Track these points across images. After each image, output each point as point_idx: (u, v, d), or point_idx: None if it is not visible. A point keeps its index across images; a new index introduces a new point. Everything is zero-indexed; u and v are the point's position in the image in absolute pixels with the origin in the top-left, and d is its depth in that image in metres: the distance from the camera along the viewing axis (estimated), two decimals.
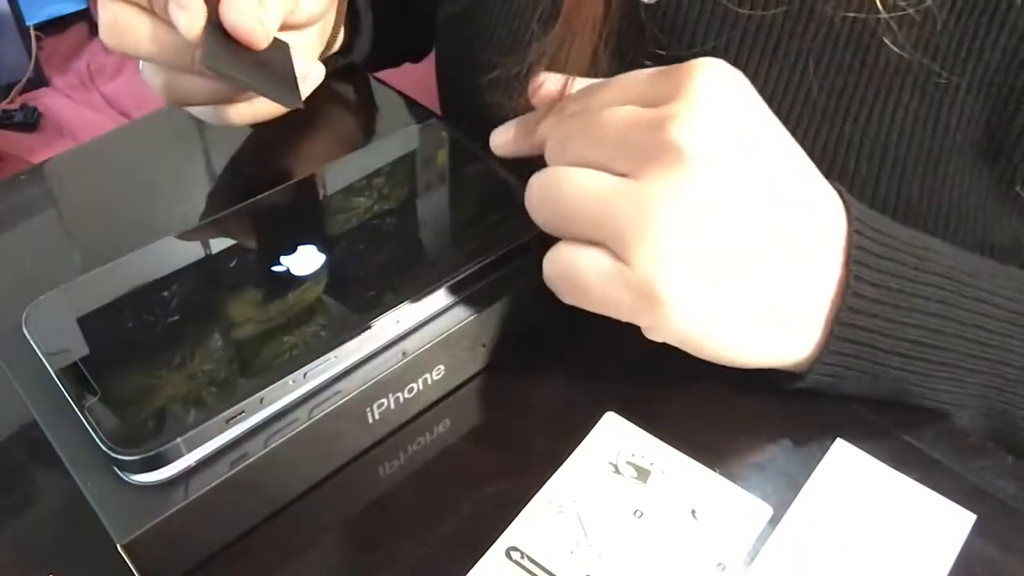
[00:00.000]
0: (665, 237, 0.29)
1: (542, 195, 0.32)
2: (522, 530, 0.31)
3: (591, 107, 0.33)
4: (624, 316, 0.31)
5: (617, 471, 0.32)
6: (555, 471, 0.32)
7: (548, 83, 0.36)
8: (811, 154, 0.33)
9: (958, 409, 0.34)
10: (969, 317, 0.32)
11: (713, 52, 0.39)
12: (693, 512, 0.31)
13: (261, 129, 0.48)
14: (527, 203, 0.33)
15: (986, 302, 0.32)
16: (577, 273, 0.31)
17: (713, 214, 0.29)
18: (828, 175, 0.33)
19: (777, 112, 0.33)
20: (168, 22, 0.35)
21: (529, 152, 0.37)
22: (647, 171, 0.30)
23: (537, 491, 0.32)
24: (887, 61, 0.38)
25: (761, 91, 0.33)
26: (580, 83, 0.36)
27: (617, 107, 0.32)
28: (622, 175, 0.31)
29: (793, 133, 0.33)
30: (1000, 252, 0.42)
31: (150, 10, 0.36)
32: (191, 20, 0.34)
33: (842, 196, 0.33)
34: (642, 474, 0.32)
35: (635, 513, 0.31)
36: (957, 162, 0.39)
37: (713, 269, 0.30)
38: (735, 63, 0.32)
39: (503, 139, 0.38)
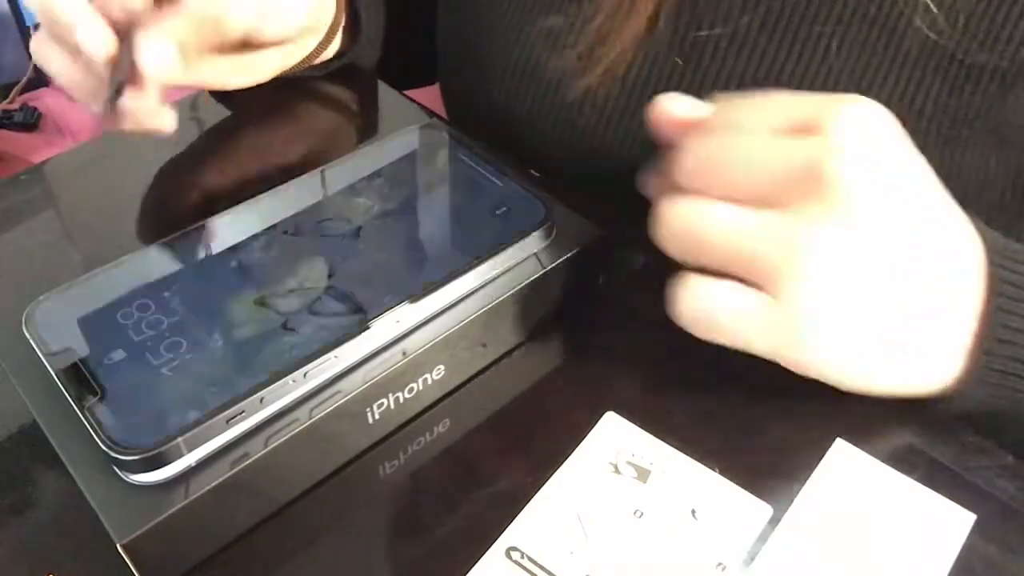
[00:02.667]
0: (821, 276, 0.29)
1: (678, 227, 0.31)
2: (522, 530, 0.31)
3: (729, 129, 0.32)
4: (762, 351, 0.31)
5: (617, 471, 0.32)
6: (555, 471, 0.32)
7: (675, 107, 0.34)
8: None
9: None
10: None
11: (736, 31, 0.40)
12: (693, 512, 0.31)
13: (262, 129, 0.48)
14: (657, 232, 0.32)
15: None
16: (717, 310, 0.31)
17: (868, 253, 0.29)
18: None
19: (798, 88, 0.32)
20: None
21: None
22: (800, 205, 0.29)
23: (537, 491, 0.32)
24: (912, 43, 0.38)
25: (781, 70, 0.32)
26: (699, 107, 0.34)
27: (759, 134, 0.31)
28: (765, 206, 0.30)
29: None
30: None
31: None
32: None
33: (976, 226, 0.32)
34: (642, 474, 0.32)
35: (635, 513, 0.31)
36: (974, 152, 0.39)
37: (863, 308, 0.30)
38: (757, 40, 0.31)
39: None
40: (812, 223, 0.29)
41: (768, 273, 0.30)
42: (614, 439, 0.33)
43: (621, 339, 0.37)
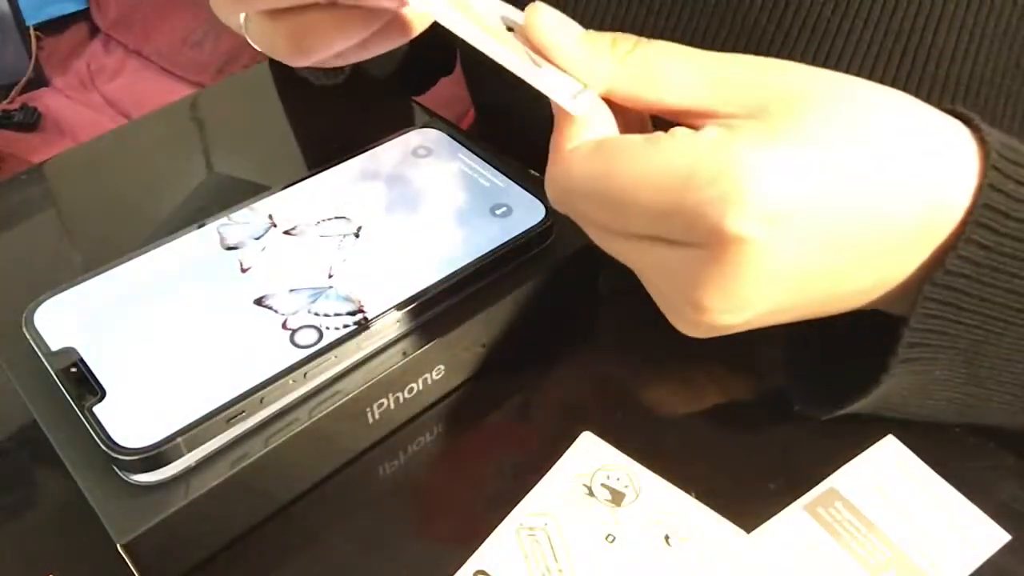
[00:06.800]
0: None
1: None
2: (490, 554, 0.30)
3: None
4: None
5: (591, 493, 0.31)
6: (528, 491, 0.31)
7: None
8: None
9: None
10: None
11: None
12: (667, 538, 0.30)
13: (262, 130, 0.48)
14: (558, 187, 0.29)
15: None
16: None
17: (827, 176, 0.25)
18: None
19: None
20: None
21: None
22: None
23: (508, 512, 0.31)
24: None
25: None
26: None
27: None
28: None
29: None
30: None
31: None
32: None
33: (976, 131, 0.27)
34: (616, 497, 0.31)
35: (607, 538, 0.30)
36: None
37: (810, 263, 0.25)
38: None
39: None
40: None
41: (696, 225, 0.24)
42: (590, 459, 0.32)
43: (607, 354, 0.37)
